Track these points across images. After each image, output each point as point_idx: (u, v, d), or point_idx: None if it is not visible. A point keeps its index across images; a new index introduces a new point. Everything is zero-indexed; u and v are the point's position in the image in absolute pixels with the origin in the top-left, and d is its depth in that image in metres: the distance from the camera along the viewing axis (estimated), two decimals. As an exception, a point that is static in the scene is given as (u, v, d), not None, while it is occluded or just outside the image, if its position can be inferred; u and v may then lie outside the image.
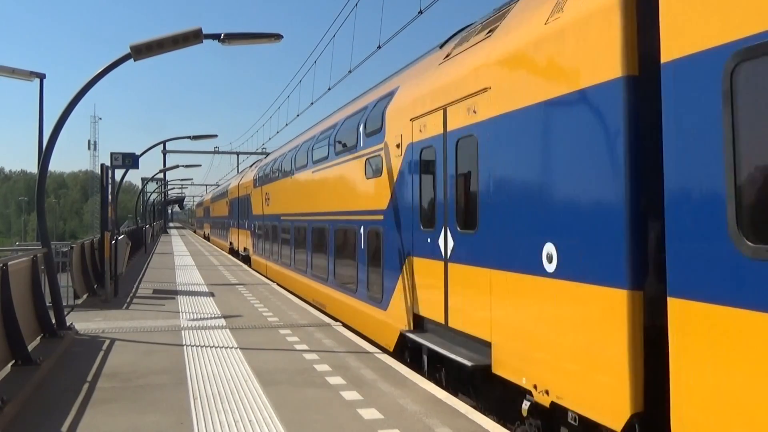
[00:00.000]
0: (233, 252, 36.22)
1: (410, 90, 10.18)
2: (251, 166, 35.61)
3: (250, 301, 15.81)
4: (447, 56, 9.17)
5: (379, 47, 17.05)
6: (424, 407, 6.98)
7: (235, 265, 27.51)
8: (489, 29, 7.99)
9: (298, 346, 10.24)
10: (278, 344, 10.48)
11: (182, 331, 11.60)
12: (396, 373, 8.51)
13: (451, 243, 8.24)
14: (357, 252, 12.40)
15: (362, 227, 12.04)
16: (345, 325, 12.37)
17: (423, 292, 9.22)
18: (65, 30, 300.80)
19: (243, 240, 32.21)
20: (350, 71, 19.40)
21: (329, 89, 22.60)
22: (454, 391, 8.25)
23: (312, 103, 28.23)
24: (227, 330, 11.74)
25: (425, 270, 9.08)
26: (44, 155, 11.60)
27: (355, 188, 12.65)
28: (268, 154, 31.00)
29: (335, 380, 8.11)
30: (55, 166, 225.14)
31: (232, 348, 10.14)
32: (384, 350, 10.19)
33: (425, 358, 9.18)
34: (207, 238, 60.08)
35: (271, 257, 23.05)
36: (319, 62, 24.91)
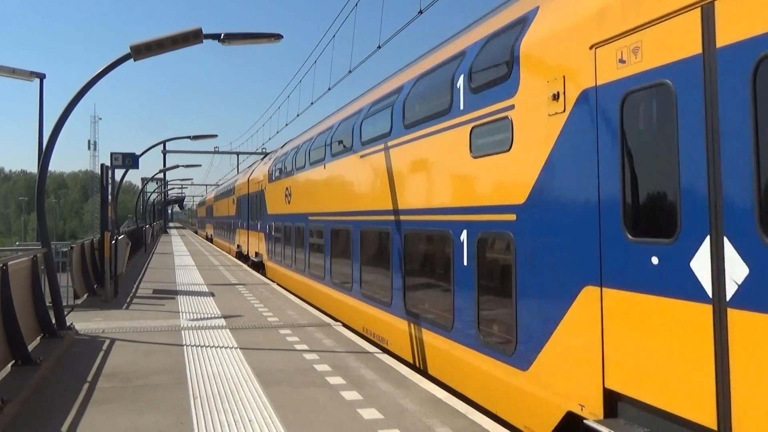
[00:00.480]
0: (241, 256, 32.03)
1: None
2: (263, 158, 32.09)
3: (250, 301, 15.81)
4: None
5: (379, 47, 17.04)
6: (424, 407, 6.98)
7: (235, 265, 27.50)
8: None
9: (298, 346, 10.24)
10: (278, 344, 10.48)
11: (182, 331, 11.60)
12: (396, 373, 8.51)
13: (735, 268, 4.33)
14: (453, 271, 8.31)
15: (465, 233, 8.00)
16: (345, 325, 12.36)
17: (636, 352, 5.14)
18: (65, 30, 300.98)
19: (254, 243, 28.12)
20: (350, 71, 19.37)
21: (329, 89, 22.57)
22: None
23: (312, 103, 28.25)
24: (227, 330, 11.74)
25: (641, 314, 5.10)
26: (44, 155, 11.60)
27: (447, 175, 8.68)
28: (285, 144, 24.61)
29: (335, 380, 8.11)
30: (55, 166, 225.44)
31: (232, 348, 10.14)
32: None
33: None
34: (210, 240, 56.71)
35: (297, 266, 18.56)
36: (319, 62, 24.95)
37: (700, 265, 4.51)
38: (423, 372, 9.00)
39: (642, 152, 5.24)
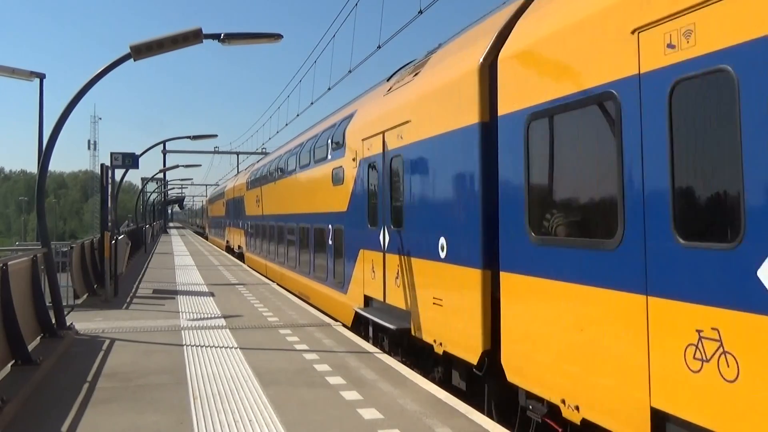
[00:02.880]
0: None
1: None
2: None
3: (250, 300, 15.81)
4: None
5: (379, 47, 17.06)
6: (424, 407, 6.98)
7: (235, 265, 27.50)
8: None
9: (298, 346, 10.25)
10: (278, 344, 10.48)
11: (182, 331, 11.60)
12: (396, 373, 8.51)
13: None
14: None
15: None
16: (344, 326, 12.38)
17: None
18: (65, 30, 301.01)
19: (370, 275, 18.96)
20: (350, 71, 19.43)
21: (329, 89, 22.63)
22: None
23: (312, 103, 28.29)
24: (227, 330, 11.74)
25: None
26: (44, 155, 11.60)
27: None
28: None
29: (335, 380, 8.11)
30: (55, 166, 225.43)
31: (232, 348, 10.14)
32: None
33: None
34: (235, 252, 35.44)
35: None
36: (319, 62, 24.92)
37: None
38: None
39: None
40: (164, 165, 61.25)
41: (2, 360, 8.02)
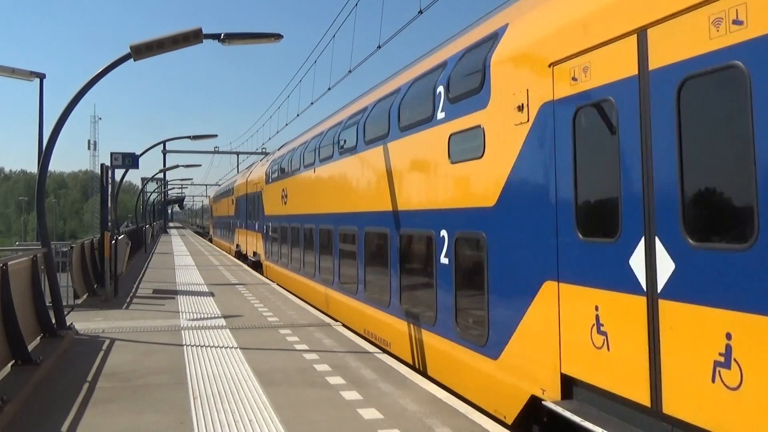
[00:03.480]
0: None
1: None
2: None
3: (250, 300, 15.81)
4: None
5: (379, 47, 17.05)
6: (424, 407, 6.98)
7: (235, 265, 27.49)
8: None
9: (298, 346, 10.24)
10: (278, 344, 10.48)
11: (182, 331, 11.60)
12: (396, 373, 8.51)
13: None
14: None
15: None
16: (345, 325, 12.37)
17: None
18: (65, 30, 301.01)
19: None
20: (350, 71, 19.38)
21: (329, 89, 22.59)
22: None
23: (312, 103, 28.30)
24: (227, 330, 11.73)
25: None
26: (44, 155, 11.60)
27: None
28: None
29: (335, 380, 8.11)
30: (55, 166, 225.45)
31: (232, 348, 10.14)
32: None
33: None
34: (250, 260, 28.92)
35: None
36: (319, 62, 24.93)
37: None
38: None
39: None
40: (164, 165, 61.23)
41: (2, 360, 8.02)
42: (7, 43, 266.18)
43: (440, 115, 8.82)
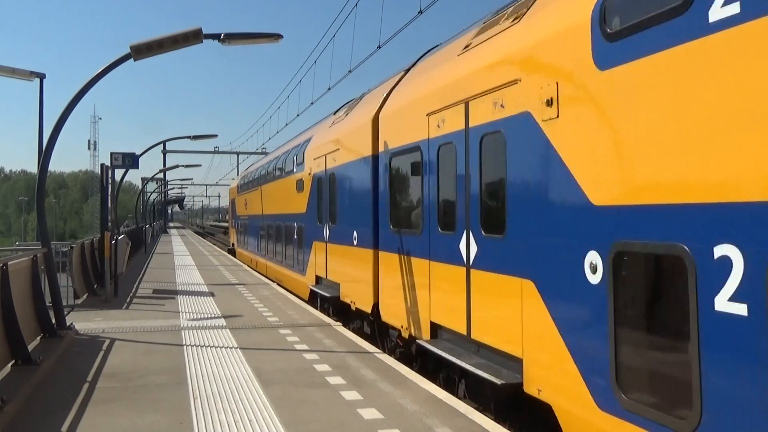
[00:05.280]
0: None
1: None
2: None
3: (250, 300, 15.81)
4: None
5: (379, 47, 17.09)
6: (424, 407, 6.98)
7: (235, 265, 27.50)
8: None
9: (298, 346, 10.25)
10: (278, 344, 10.48)
11: (182, 331, 11.60)
12: (396, 373, 8.52)
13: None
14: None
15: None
16: (345, 326, 12.38)
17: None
18: (65, 30, 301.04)
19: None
20: (350, 71, 19.46)
21: (329, 89, 22.70)
22: None
23: (312, 103, 28.40)
24: (227, 330, 11.74)
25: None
26: (44, 155, 11.60)
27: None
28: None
29: (335, 380, 8.11)
30: (55, 166, 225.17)
31: (232, 348, 10.14)
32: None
33: None
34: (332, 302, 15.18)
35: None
36: (319, 62, 25.01)
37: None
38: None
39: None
40: (164, 165, 61.30)
41: (2, 360, 8.02)
42: (7, 43, 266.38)
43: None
